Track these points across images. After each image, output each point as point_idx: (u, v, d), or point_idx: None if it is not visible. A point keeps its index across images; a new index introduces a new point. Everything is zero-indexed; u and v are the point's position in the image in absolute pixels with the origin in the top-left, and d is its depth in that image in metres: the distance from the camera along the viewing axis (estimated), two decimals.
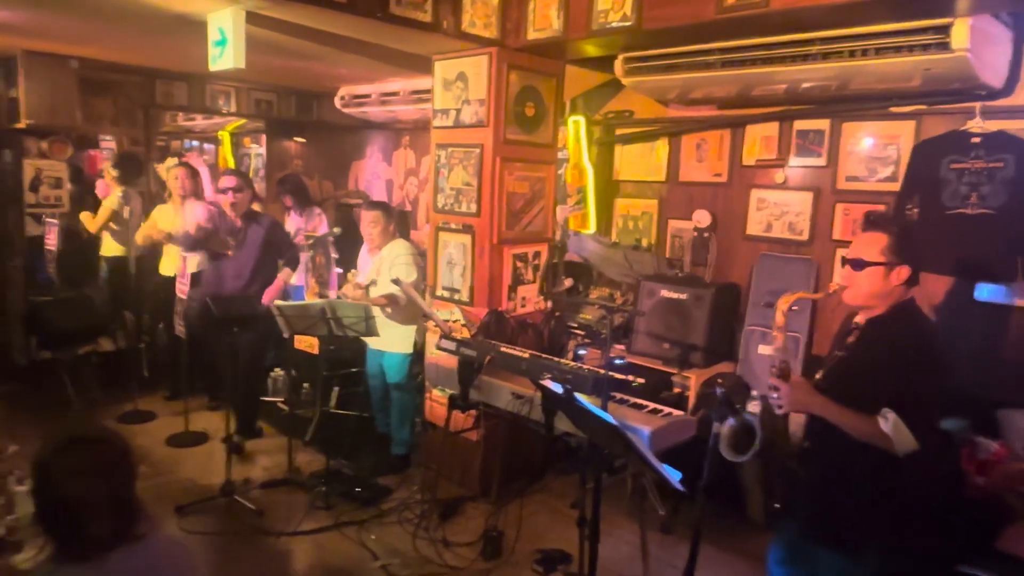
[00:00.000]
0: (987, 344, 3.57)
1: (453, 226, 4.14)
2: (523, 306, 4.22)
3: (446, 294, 4.22)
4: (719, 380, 4.07)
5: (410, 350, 4.31)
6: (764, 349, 4.20)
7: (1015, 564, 2.09)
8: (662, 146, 4.89)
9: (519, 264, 4.16)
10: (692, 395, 4.07)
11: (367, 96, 5.89)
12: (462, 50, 3.89)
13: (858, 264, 2.17)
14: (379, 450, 4.44)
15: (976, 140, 3.44)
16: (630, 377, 3.46)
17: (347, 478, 4.11)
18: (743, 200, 4.51)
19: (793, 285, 4.12)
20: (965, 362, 3.58)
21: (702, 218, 4.67)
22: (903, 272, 2.12)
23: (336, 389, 4.88)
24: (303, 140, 7.32)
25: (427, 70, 4.17)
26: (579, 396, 2.35)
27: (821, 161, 4.15)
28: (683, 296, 4.26)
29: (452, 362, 3.51)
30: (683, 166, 4.80)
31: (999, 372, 3.52)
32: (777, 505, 2.33)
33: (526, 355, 3.24)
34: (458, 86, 4.00)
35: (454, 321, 4.09)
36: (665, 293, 4.33)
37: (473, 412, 3.61)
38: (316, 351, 4.85)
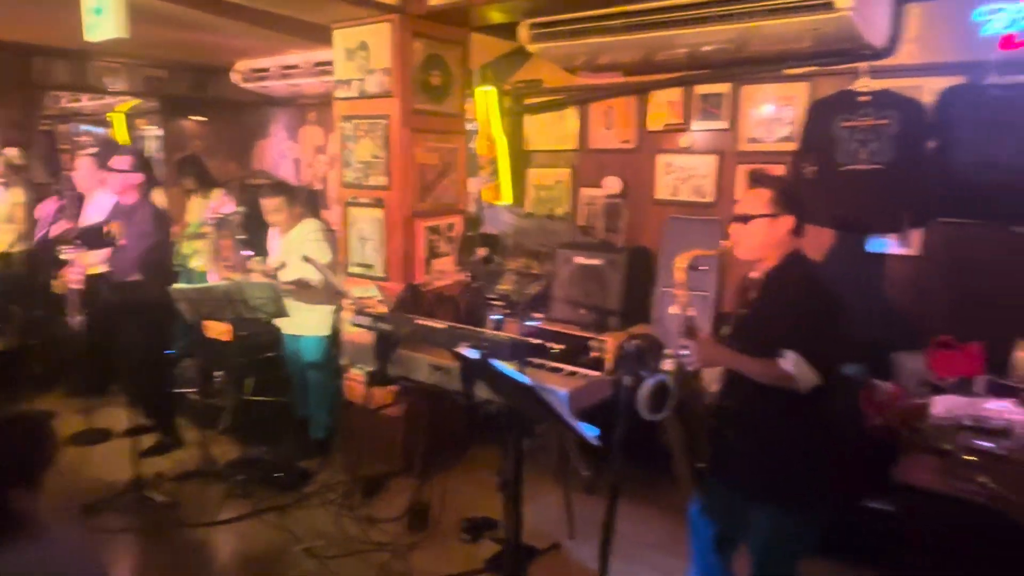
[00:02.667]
0: (879, 292, 3.79)
1: (364, 200, 4.05)
2: (440, 279, 4.18)
3: (360, 271, 4.14)
4: (634, 341, 4.16)
5: (327, 332, 4.21)
6: (675, 309, 4.34)
7: (909, 491, 2.24)
8: (571, 114, 4.90)
9: (434, 237, 4.12)
10: (609, 357, 4.15)
11: (267, 70, 5.66)
12: (362, 17, 3.78)
13: (745, 218, 2.26)
14: (299, 435, 4.35)
15: (864, 99, 3.60)
16: (550, 344, 3.53)
17: (266, 464, 4.00)
18: (651, 165, 4.58)
19: (702, 246, 4.19)
20: (861, 310, 3.79)
21: (613, 185, 4.74)
22: (788, 222, 2.23)
23: (252, 376, 4.73)
24: (202, 119, 6.98)
25: (327, 40, 4.04)
26: (494, 361, 2.35)
27: (723, 124, 4.27)
28: (597, 262, 4.32)
29: (368, 339, 3.46)
30: (592, 134, 4.83)
31: (891, 318, 3.74)
32: (701, 464, 2.40)
33: (443, 326, 3.22)
34: (361, 55, 3.89)
35: (370, 298, 4.02)
36: (580, 260, 4.39)
37: (392, 387, 3.56)
38: (229, 338, 4.68)
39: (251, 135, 7.04)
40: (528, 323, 3.77)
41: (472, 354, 2.42)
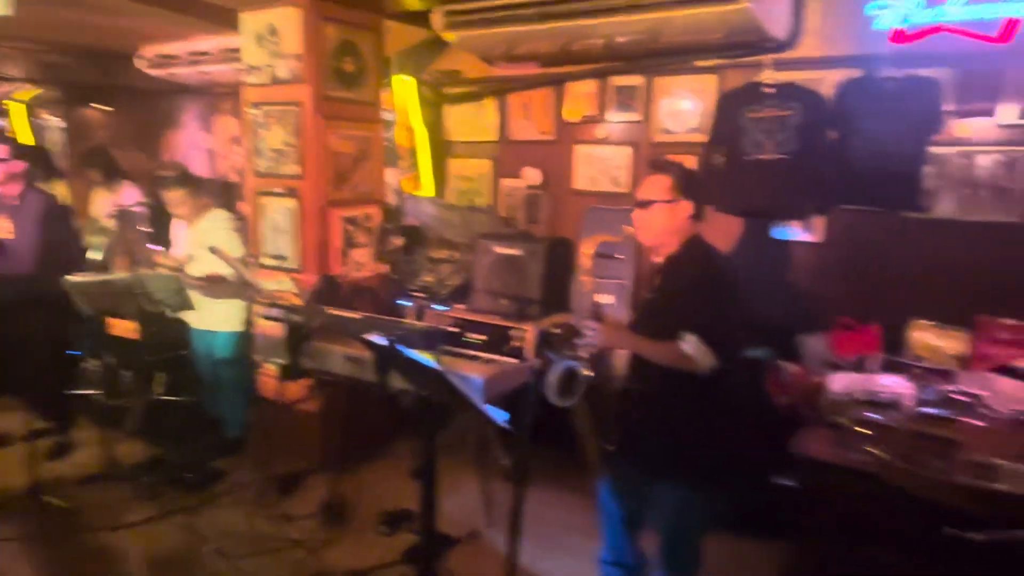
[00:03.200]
0: (786, 278, 3.93)
1: (276, 190, 3.94)
2: (359, 270, 4.10)
3: (274, 263, 4.02)
4: (553, 329, 4.19)
5: (239, 327, 4.07)
6: (599, 298, 4.39)
7: (808, 464, 2.32)
8: (491, 106, 4.90)
9: (350, 227, 4.04)
10: (529, 346, 4.16)
11: (175, 56, 5.42)
12: (271, 1, 3.66)
13: (645, 204, 2.30)
14: (212, 434, 4.19)
15: (769, 91, 3.71)
16: (473, 336, 3.52)
17: (174, 465, 3.84)
18: (570, 157, 4.63)
19: (619, 234, 4.32)
20: (768, 295, 3.92)
21: (533, 176, 4.77)
22: (686, 208, 2.28)
23: (163, 375, 4.53)
24: (108, 108, 6.64)
25: (236, 25, 3.90)
26: (402, 347, 2.31)
27: (637, 116, 4.34)
28: (518, 252, 4.30)
29: (280, 332, 3.36)
30: (512, 125, 4.85)
31: (797, 302, 3.89)
32: (610, 446, 2.42)
33: (356, 316, 3.16)
34: (270, 40, 3.77)
35: (284, 290, 3.91)
36: (500, 250, 4.36)
37: (307, 381, 3.48)
38: (136, 336, 4.46)
39: (161, 125, 6.74)
40: (439, 308, 3.72)
41: (380, 341, 2.38)
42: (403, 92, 4.91)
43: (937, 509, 1.96)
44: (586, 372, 2.36)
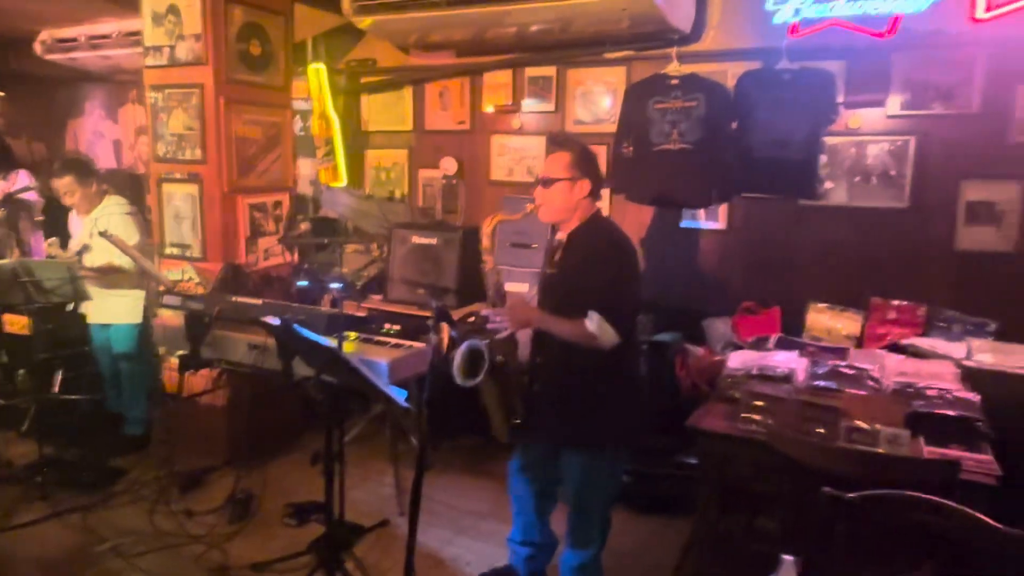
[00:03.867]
0: (694, 265, 4.04)
1: (178, 176, 3.80)
2: (266, 259, 3.99)
3: (176, 251, 3.87)
4: (471, 318, 4.18)
5: (138, 319, 3.88)
6: (513, 287, 4.40)
7: (704, 435, 2.38)
8: (407, 95, 4.87)
9: (258, 215, 3.92)
10: (445, 336, 4.14)
11: (74, 40, 5.15)
12: None
13: (547, 182, 2.31)
14: (113, 432, 3.99)
15: (674, 82, 3.80)
16: (388, 324, 3.46)
17: (70, 465, 3.64)
18: (486, 146, 4.64)
19: (534, 226, 4.33)
20: (678, 282, 4.04)
21: (449, 166, 4.75)
22: (585, 185, 2.30)
23: (59, 372, 4.29)
24: (1, 94, 6.25)
25: (134, 6, 3.73)
26: (298, 327, 2.25)
27: (550, 106, 4.39)
28: (433, 241, 4.28)
29: (180, 321, 3.22)
30: (428, 115, 4.82)
31: (701, 287, 4.02)
32: (517, 420, 2.42)
33: (258, 303, 3.06)
34: (170, 20, 3.63)
35: (187, 280, 3.76)
36: (416, 239, 4.32)
37: (209, 372, 3.35)
38: (28, 332, 4.21)
39: (62, 113, 6.40)
40: (333, 283, 3.66)
41: (274, 321, 2.31)
42: (317, 80, 4.81)
43: (820, 473, 2.02)
44: (496, 354, 2.36)
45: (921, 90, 3.47)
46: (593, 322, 2.19)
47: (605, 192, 4.10)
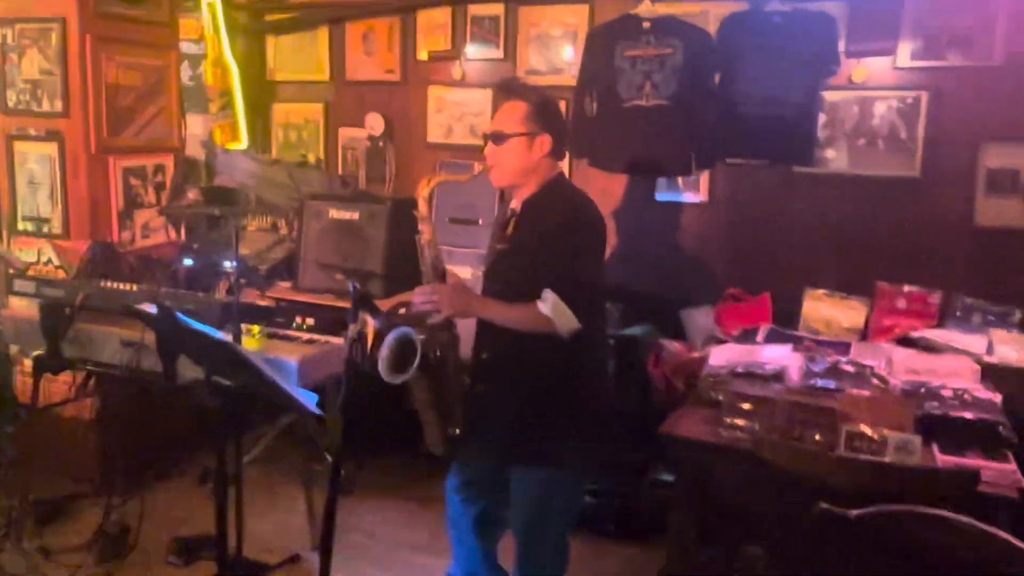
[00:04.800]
0: (667, 244, 4.08)
1: (33, 132, 3.67)
2: (145, 236, 3.89)
3: (31, 227, 3.73)
4: (402, 310, 4.13)
5: None
6: (462, 271, 4.36)
7: (679, 444, 2.38)
8: (323, 37, 4.79)
9: (134, 181, 3.84)
10: (371, 331, 4.08)
11: None
12: None
13: (498, 137, 2.28)
14: None
15: (646, 25, 3.79)
16: (300, 318, 3.40)
17: None
18: (421, 101, 4.59)
19: (480, 196, 4.31)
20: (648, 264, 4.06)
21: (375, 124, 4.69)
22: (545, 142, 2.26)
23: None
24: None
25: None
26: (181, 315, 2.17)
27: (498, 53, 4.36)
28: (355, 216, 4.21)
29: (35, 313, 3.09)
30: (350, 62, 4.76)
31: (679, 271, 4.05)
32: (456, 430, 2.38)
33: (132, 288, 2.97)
34: None
35: (44, 263, 3.63)
36: (335, 214, 4.24)
37: (72, 376, 3.23)
38: None
39: None
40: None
41: (151, 308, 2.23)
42: (211, 16, 4.67)
43: (817, 486, 2.03)
44: (431, 348, 2.31)
45: (936, 37, 3.53)
46: (547, 303, 2.16)
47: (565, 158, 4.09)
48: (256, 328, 3.20)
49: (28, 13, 3.57)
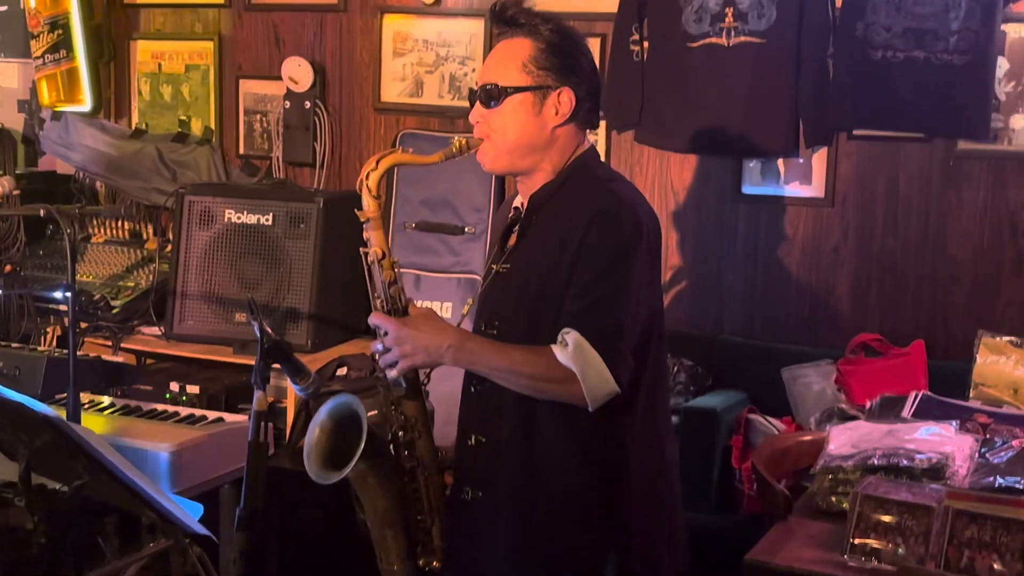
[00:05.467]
0: (761, 265, 4.14)
1: None
2: None
3: None
4: (341, 370, 4.20)
5: None
6: (438, 308, 4.41)
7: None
8: None
9: None
10: (291, 404, 4.12)
11: None
12: None
13: (491, 94, 2.31)
14: None
15: None
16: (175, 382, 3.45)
17: None
18: (370, 37, 4.67)
19: (463, 189, 4.37)
20: (732, 297, 4.11)
21: (299, 75, 4.74)
22: (565, 100, 2.30)
23: None
24: None
25: None
26: None
27: None
28: (267, 219, 4.29)
29: None
30: None
31: (780, 307, 4.10)
32: (434, 563, 2.41)
33: None
34: None
35: None
36: (234, 216, 4.33)
37: None
38: None
39: None
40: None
41: None
42: None
43: None
44: (388, 424, 2.36)
45: None
46: (568, 348, 2.16)
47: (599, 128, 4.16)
48: (106, 400, 3.26)
49: None
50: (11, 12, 4.90)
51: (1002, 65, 3.78)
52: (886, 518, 2.45)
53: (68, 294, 3.02)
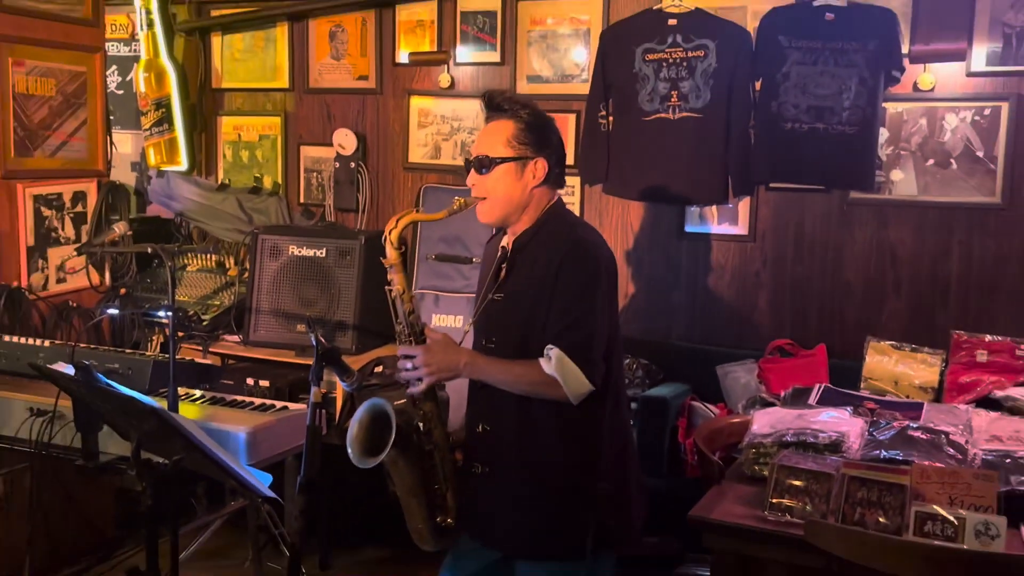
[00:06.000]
0: (699, 287, 4.15)
1: None
2: (62, 280, 3.95)
3: None
4: (378, 367, 4.17)
5: None
6: (444, 323, 4.41)
7: (716, 530, 2.40)
8: (281, 36, 4.90)
9: (48, 212, 3.92)
10: (340, 394, 4.11)
11: None
12: None
13: (483, 163, 2.33)
14: None
15: (673, 22, 3.91)
16: (251, 379, 3.45)
17: None
18: (400, 114, 4.69)
19: (471, 229, 4.37)
20: (678, 311, 4.12)
21: (345, 142, 4.77)
22: (540, 167, 2.32)
23: None
24: None
25: None
26: (102, 376, 2.22)
27: (495, 56, 4.46)
28: (321, 253, 4.29)
29: None
30: (314, 67, 4.86)
31: (714, 319, 4.11)
32: (448, 520, 2.41)
33: (44, 344, 3.02)
34: None
35: None
36: (296, 251, 4.33)
37: None
38: None
39: None
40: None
41: (66, 369, 2.28)
42: (144, 11, 4.78)
43: None
44: (413, 419, 2.35)
45: (1017, 36, 3.62)
46: (552, 361, 2.20)
47: (573, 181, 4.17)
48: (197, 393, 3.25)
49: None
50: (127, 95, 4.95)
51: (883, 133, 3.80)
52: (797, 482, 2.46)
53: (169, 312, 3.02)
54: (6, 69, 3.67)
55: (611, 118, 4.03)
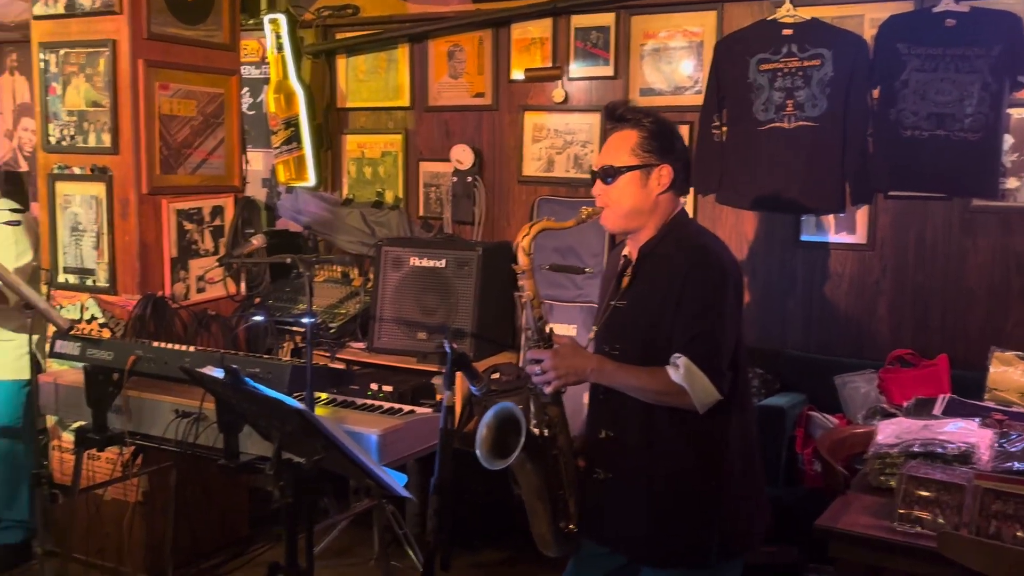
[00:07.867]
0: (816, 296, 4.06)
1: (77, 171, 3.91)
2: (201, 290, 4.07)
3: (73, 279, 3.96)
4: (495, 374, 4.19)
5: (23, 375, 3.95)
6: (565, 329, 4.41)
7: (841, 539, 2.35)
8: (402, 57, 4.97)
9: (189, 226, 4.02)
10: (459, 399, 4.14)
11: None
12: None
13: (608, 173, 2.32)
14: None
15: (788, 32, 3.85)
16: (375, 384, 3.51)
17: None
18: (515, 129, 4.71)
19: (583, 240, 4.37)
20: (794, 321, 4.05)
21: (463, 157, 4.81)
22: (665, 174, 2.30)
23: None
24: None
25: None
26: (250, 380, 2.28)
27: (608, 70, 4.44)
28: (441, 264, 4.34)
29: (78, 379, 3.28)
30: (433, 85, 4.92)
31: (832, 329, 4.02)
32: (571, 526, 2.41)
33: (189, 349, 3.12)
34: None
35: (88, 320, 3.85)
36: (417, 262, 4.39)
37: (119, 453, 3.39)
38: None
39: None
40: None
41: (216, 373, 2.35)
42: (275, 37, 4.93)
43: None
44: (539, 424, 2.36)
45: None
46: (680, 370, 2.18)
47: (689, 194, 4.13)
48: (324, 396, 3.32)
49: (75, 36, 3.81)
50: (258, 116, 5.10)
51: (1007, 140, 3.67)
52: (926, 493, 2.40)
53: (308, 320, 3.10)
54: (153, 92, 3.80)
55: (725, 128, 3.99)
